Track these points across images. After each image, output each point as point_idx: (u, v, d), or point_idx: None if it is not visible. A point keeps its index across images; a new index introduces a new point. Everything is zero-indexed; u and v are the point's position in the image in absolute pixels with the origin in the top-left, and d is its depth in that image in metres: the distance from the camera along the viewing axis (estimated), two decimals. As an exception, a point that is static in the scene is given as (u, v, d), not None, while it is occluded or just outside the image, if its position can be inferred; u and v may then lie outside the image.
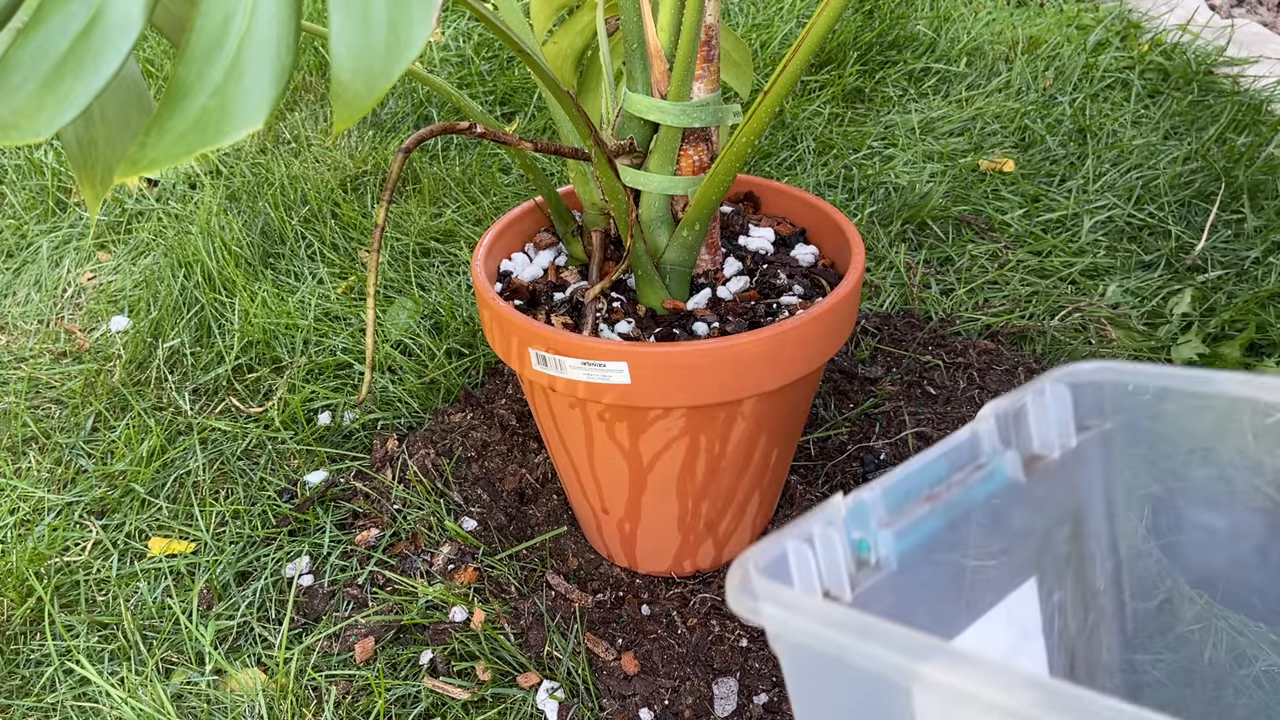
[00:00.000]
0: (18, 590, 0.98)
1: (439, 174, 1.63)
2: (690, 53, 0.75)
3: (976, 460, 0.52)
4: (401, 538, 1.02)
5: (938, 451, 0.51)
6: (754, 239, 0.94)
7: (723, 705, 0.84)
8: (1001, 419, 0.54)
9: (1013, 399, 0.54)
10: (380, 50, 0.33)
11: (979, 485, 0.52)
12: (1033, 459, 0.55)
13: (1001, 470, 0.53)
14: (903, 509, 0.49)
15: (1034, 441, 0.56)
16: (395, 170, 0.72)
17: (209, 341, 1.32)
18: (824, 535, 0.46)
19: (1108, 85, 1.83)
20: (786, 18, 1.99)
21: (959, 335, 1.25)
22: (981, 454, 0.53)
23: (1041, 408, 0.55)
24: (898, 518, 0.49)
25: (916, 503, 0.50)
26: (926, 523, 0.49)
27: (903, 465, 0.50)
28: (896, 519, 0.48)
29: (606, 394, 0.76)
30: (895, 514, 0.49)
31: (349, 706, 0.86)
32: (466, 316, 1.30)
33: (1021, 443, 0.55)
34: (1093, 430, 0.57)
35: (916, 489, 0.50)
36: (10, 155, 1.77)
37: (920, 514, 0.49)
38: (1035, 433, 0.56)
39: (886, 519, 0.48)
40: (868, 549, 0.48)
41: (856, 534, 0.47)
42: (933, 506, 0.50)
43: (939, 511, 0.50)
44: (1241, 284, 1.31)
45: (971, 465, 0.52)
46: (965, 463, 0.52)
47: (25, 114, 0.32)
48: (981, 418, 0.53)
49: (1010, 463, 0.54)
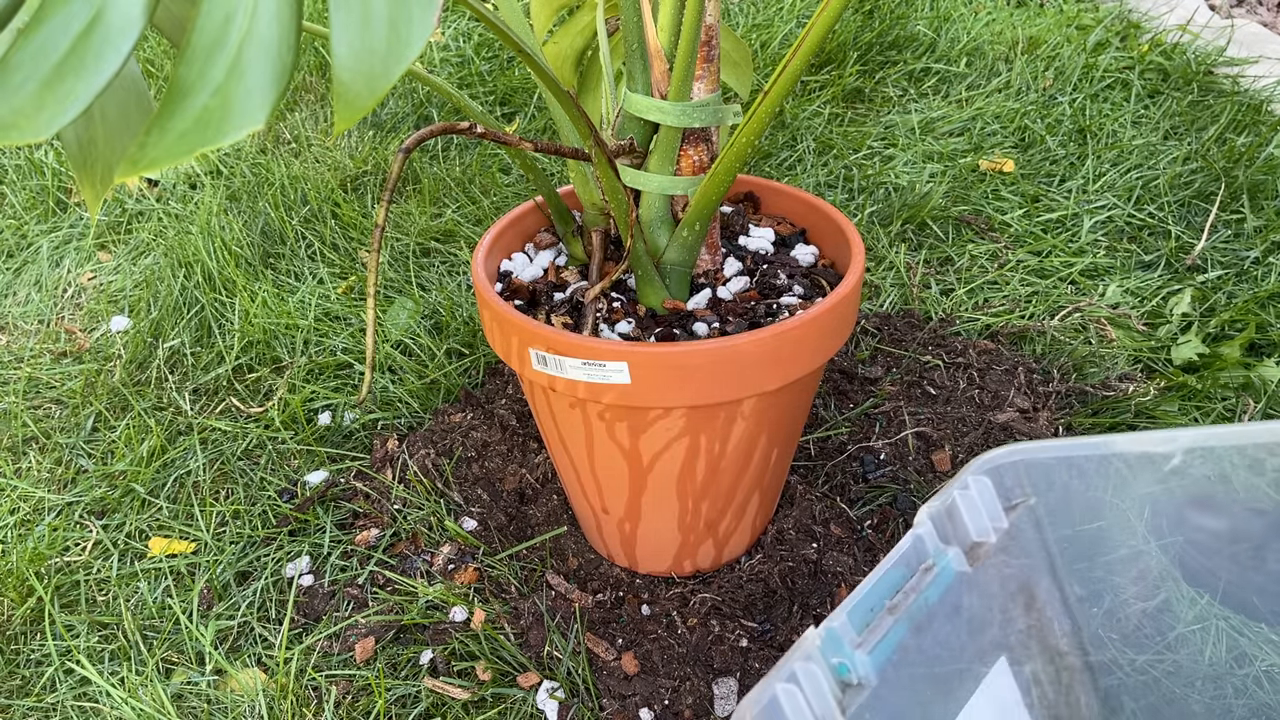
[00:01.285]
0: (18, 590, 0.98)
1: (439, 174, 1.63)
2: (690, 53, 0.75)
3: (923, 563, 0.58)
4: (401, 538, 1.02)
5: (887, 564, 0.56)
6: (754, 239, 0.94)
7: (723, 705, 0.84)
8: (937, 519, 0.59)
9: (942, 499, 0.60)
10: (381, 50, 0.33)
11: (931, 587, 0.57)
12: (974, 547, 0.61)
13: (948, 567, 0.58)
14: (869, 626, 0.54)
15: (970, 532, 0.61)
16: (395, 170, 0.72)
17: (209, 341, 1.32)
18: (806, 671, 0.50)
19: (1108, 85, 1.83)
20: (786, 18, 1.99)
21: (959, 335, 1.25)
22: (927, 555, 0.58)
23: (969, 500, 0.61)
24: (867, 635, 0.53)
25: (880, 617, 0.54)
26: (893, 633, 0.54)
27: (859, 586, 0.54)
28: (867, 637, 0.53)
29: (606, 394, 0.76)
30: (864, 632, 0.53)
31: (349, 706, 0.86)
32: (466, 316, 1.30)
33: (959, 536, 0.61)
34: (1019, 508, 0.63)
35: (877, 604, 0.55)
36: (10, 155, 1.77)
37: (886, 627, 0.54)
38: (970, 523, 0.61)
39: (857, 639, 0.53)
40: (848, 671, 0.52)
41: (834, 659, 0.52)
42: (895, 618, 0.55)
43: (902, 620, 0.55)
44: (1241, 284, 1.31)
45: (920, 569, 0.57)
46: (914, 567, 0.57)
47: (26, 114, 0.32)
48: (918, 522, 0.58)
49: (954, 558, 0.59)
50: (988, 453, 0.62)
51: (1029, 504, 0.63)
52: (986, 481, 0.61)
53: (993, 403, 1.12)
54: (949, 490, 0.60)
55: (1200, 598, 0.65)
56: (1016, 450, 0.62)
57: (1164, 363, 1.20)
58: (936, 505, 0.59)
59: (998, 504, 0.61)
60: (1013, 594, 0.63)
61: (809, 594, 0.93)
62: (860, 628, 0.53)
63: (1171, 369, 1.18)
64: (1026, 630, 0.64)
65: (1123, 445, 0.61)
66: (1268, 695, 0.65)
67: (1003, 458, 0.62)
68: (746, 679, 0.86)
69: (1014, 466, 0.62)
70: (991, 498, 0.61)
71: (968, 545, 0.60)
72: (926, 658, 0.57)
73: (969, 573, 0.59)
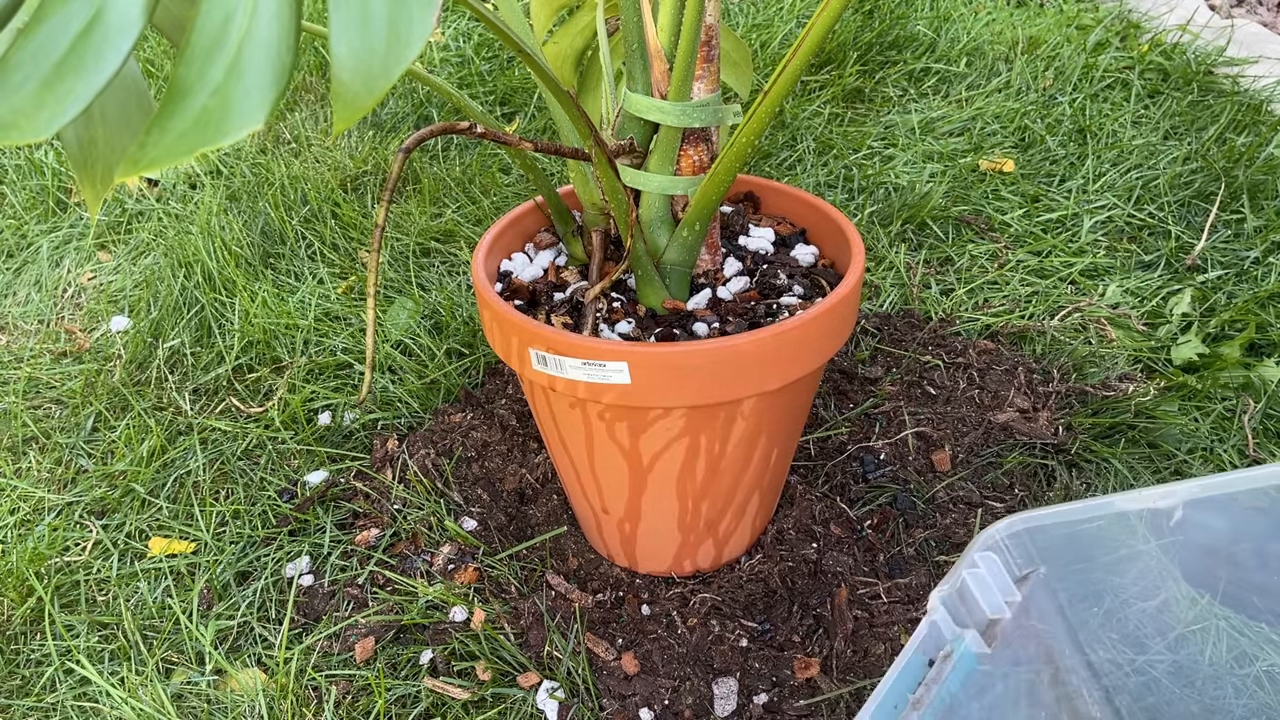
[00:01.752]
0: (18, 590, 0.98)
1: (439, 174, 1.63)
2: (690, 53, 0.75)
3: (941, 649, 0.57)
4: (401, 538, 1.02)
5: (906, 655, 0.55)
6: (754, 239, 0.94)
7: (723, 705, 0.84)
8: (949, 602, 0.59)
9: (951, 581, 0.60)
10: (380, 50, 0.33)
11: (952, 674, 0.57)
12: (990, 625, 0.61)
13: (967, 652, 0.58)
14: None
15: (985, 610, 0.61)
16: (395, 170, 0.72)
17: (209, 341, 1.32)
18: None
19: (1108, 85, 1.83)
20: (786, 18, 1.99)
21: (959, 335, 1.25)
22: (944, 641, 0.58)
23: (979, 579, 0.61)
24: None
25: (905, 714, 0.54)
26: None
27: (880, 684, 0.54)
28: None
29: (606, 394, 0.76)
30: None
31: (349, 706, 0.86)
32: (466, 316, 1.30)
33: (975, 616, 0.60)
34: (1030, 578, 0.63)
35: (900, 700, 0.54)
36: (10, 155, 1.78)
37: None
38: (983, 601, 0.61)
39: None
40: None
41: None
42: (919, 714, 0.54)
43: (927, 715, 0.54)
44: (1241, 284, 1.31)
45: (940, 657, 0.57)
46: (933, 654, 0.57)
47: (25, 113, 0.32)
48: (932, 608, 0.58)
49: (971, 640, 0.59)
50: (990, 527, 0.62)
51: (1039, 573, 0.63)
52: (993, 557, 0.61)
53: (993, 403, 1.12)
54: (957, 571, 0.60)
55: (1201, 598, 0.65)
56: (1018, 521, 0.62)
57: (1164, 363, 1.20)
58: (947, 589, 0.59)
59: (1008, 578, 0.61)
60: (1038, 668, 0.63)
61: (809, 594, 0.93)
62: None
63: (1171, 369, 1.18)
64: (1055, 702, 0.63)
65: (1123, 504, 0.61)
66: (1268, 695, 0.65)
67: (1004, 530, 0.62)
68: (746, 679, 0.86)
69: (1017, 537, 0.62)
70: (1001, 572, 0.61)
71: (984, 625, 0.60)
72: None
73: (988, 654, 0.59)
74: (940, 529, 0.98)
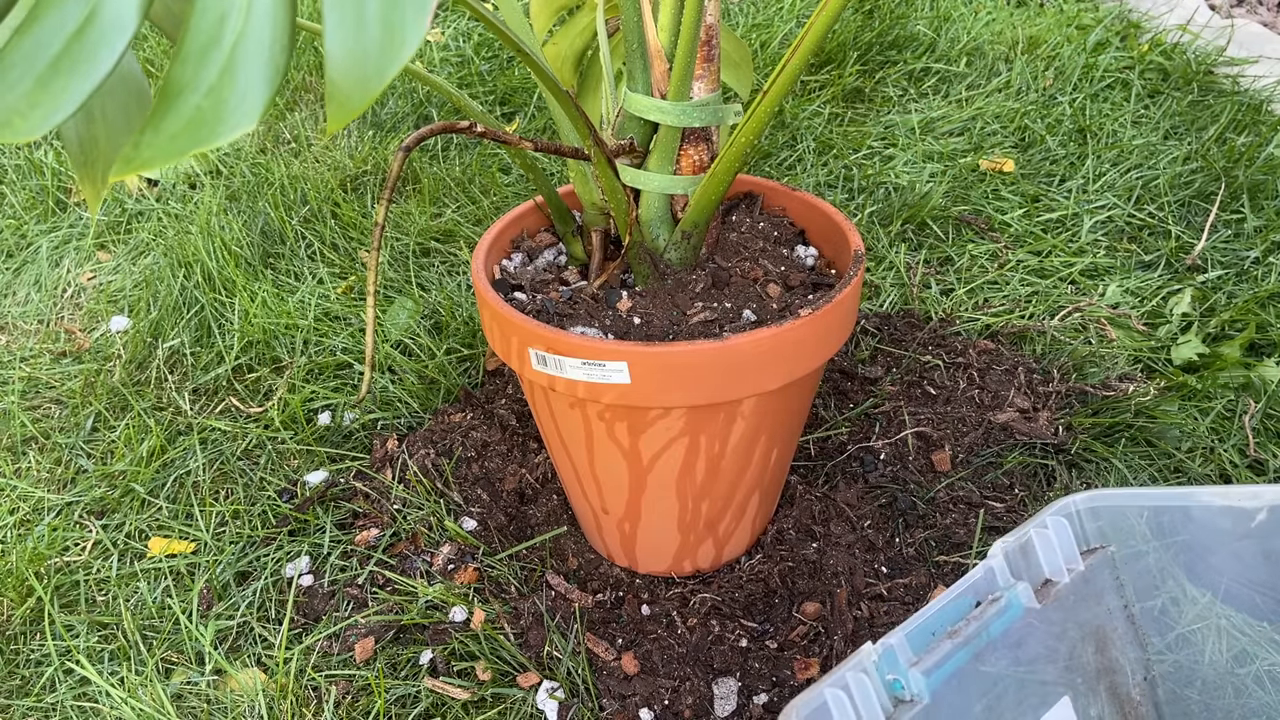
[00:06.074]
0: (18, 590, 0.98)
1: (439, 174, 1.63)
2: (690, 53, 0.75)
3: (992, 594, 0.58)
4: (401, 538, 1.02)
5: (955, 591, 0.57)
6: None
7: (723, 705, 0.84)
8: (1010, 553, 0.60)
9: (1018, 535, 0.61)
10: (374, 51, 0.33)
11: (997, 619, 0.58)
12: (1045, 585, 0.61)
13: (1017, 601, 0.59)
14: (928, 648, 0.55)
15: (1044, 569, 0.62)
16: (395, 170, 0.72)
17: (209, 341, 1.32)
18: (857, 680, 0.52)
19: (1108, 85, 1.83)
20: (786, 18, 1.99)
21: (959, 335, 1.25)
22: (996, 588, 0.59)
23: (1045, 539, 0.61)
24: (925, 656, 0.54)
25: (939, 641, 0.55)
26: (952, 658, 0.55)
27: (924, 608, 0.55)
28: (924, 658, 0.54)
29: (606, 394, 0.75)
30: (922, 653, 0.54)
31: (349, 706, 0.86)
32: (466, 316, 1.30)
33: (1032, 572, 0.61)
34: (1098, 554, 0.63)
35: (939, 628, 0.56)
36: (10, 155, 1.78)
37: (945, 650, 0.55)
38: (1044, 561, 0.62)
39: (914, 658, 0.54)
40: (901, 688, 0.53)
41: (889, 675, 0.53)
42: (955, 643, 0.55)
43: (962, 645, 0.56)
44: (1241, 284, 1.31)
45: (988, 599, 0.58)
46: (982, 597, 0.58)
47: (19, 111, 0.32)
48: (991, 554, 0.59)
49: (1023, 592, 0.59)
50: (1070, 496, 0.62)
51: (1108, 551, 0.63)
52: (1064, 523, 0.62)
53: (993, 403, 1.12)
54: (1025, 527, 0.60)
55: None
56: (1098, 496, 0.62)
57: (1164, 363, 1.20)
58: (1011, 540, 0.60)
59: (1074, 546, 0.62)
60: (1084, 637, 0.63)
61: (809, 594, 0.93)
62: (919, 649, 0.54)
63: (1171, 369, 1.18)
64: (1096, 674, 0.64)
65: (1207, 498, 0.61)
66: (1269, 695, 0.65)
67: (1083, 502, 0.62)
68: (746, 679, 0.86)
69: (1094, 512, 0.62)
70: (1069, 539, 0.62)
71: (1039, 583, 0.61)
72: (985, 687, 0.57)
73: (1037, 609, 0.59)
74: (940, 529, 0.98)
